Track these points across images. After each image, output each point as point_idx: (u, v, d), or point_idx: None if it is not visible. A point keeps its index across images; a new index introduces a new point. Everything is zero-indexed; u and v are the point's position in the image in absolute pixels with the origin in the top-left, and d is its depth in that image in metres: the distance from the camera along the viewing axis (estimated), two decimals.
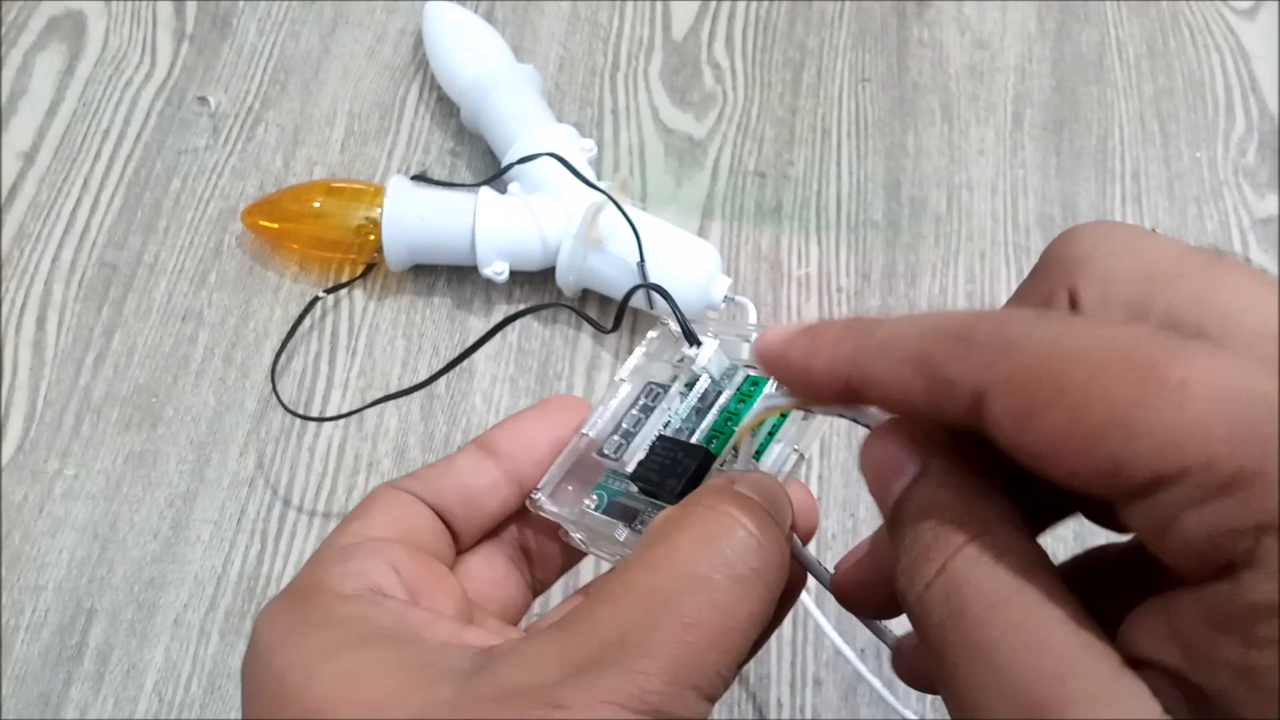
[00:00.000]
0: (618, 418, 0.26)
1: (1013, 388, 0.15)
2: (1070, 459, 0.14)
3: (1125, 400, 0.14)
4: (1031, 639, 0.14)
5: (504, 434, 0.25)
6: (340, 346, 0.46)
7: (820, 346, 0.18)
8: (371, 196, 0.46)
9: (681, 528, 0.19)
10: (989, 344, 0.15)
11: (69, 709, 0.38)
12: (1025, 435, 0.15)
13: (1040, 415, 0.14)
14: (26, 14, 0.54)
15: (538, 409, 0.25)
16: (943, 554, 0.16)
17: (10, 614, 0.40)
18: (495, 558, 0.25)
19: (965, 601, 0.15)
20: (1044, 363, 0.15)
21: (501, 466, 0.24)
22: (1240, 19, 0.57)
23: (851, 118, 0.53)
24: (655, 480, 0.23)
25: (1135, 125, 0.54)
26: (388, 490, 0.24)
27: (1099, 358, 0.14)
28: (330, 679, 0.18)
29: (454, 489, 0.24)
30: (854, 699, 0.39)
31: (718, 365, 0.26)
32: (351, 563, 0.21)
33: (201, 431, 0.44)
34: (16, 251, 0.48)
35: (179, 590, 0.41)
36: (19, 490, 0.42)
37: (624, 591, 0.18)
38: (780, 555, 0.19)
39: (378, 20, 0.55)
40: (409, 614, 0.20)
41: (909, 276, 0.49)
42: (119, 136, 0.51)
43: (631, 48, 0.55)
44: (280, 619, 0.20)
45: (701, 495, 0.20)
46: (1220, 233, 0.50)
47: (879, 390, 0.17)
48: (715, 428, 0.24)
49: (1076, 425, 0.14)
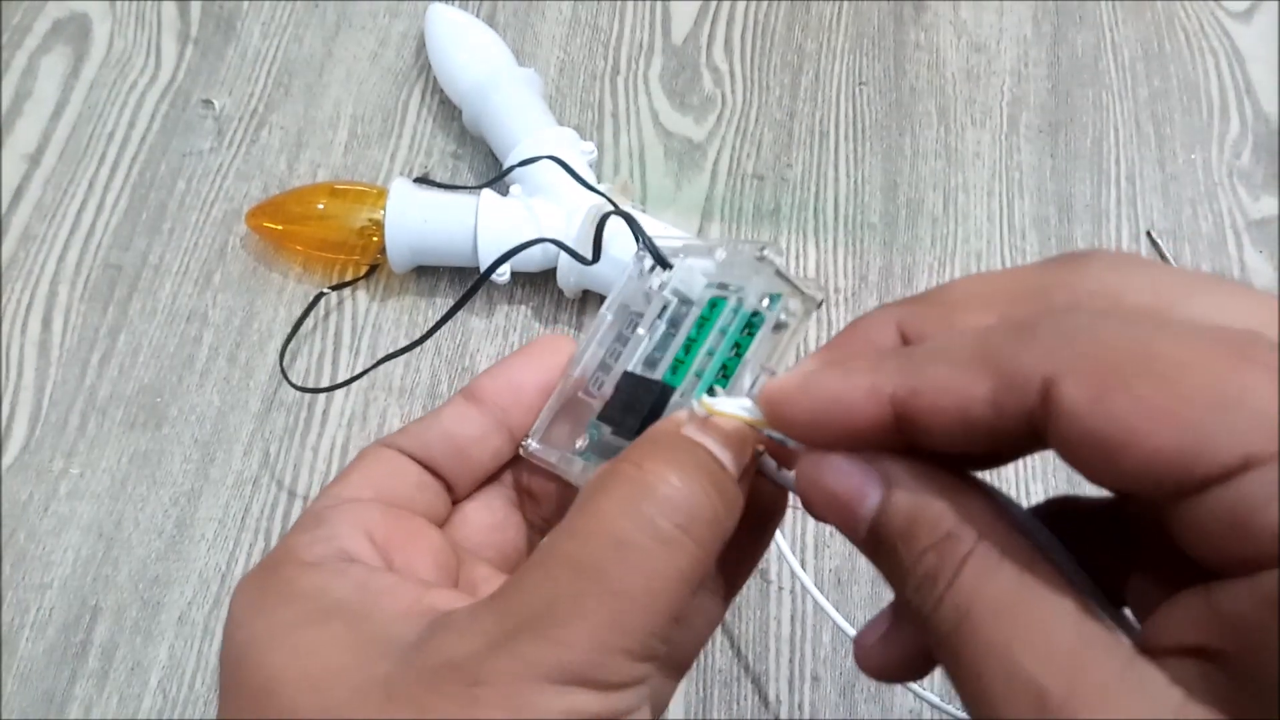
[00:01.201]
0: (601, 352, 0.25)
1: (1094, 365, 0.15)
2: (1153, 436, 0.14)
3: (1222, 373, 0.14)
4: (1040, 638, 0.15)
5: (489, 381, 0.24)
6: (344, 346, 0.46)
7: (855, 374, 0.17)
8: (374, 198, 0.46)
9: (604, 488, 0.18)
10: (1059, 331, 0.15)
11: (73, 707, 0.39)
12: (1103, 414, 0.14)
13: (1124, 390, 0.14)
14: (31, 17, 0.55)
15: (523, 353, 0.25)
16: (949, 568, 0.16)
17: (15, 612, 0.40)
18: (494, 502, 0.25)
19: (975, 610, 0.15)
20: (1128, 342, 0.15)
21: (489, 414, 0.24)
22: (1235, 21, 0.57)
23: (849, 120, 0.53)
24: (618, 419, 0.22)
25: (1130, 127, 0.54)
26: (373, 449, 0.24)
27: (1189, 338, 0.14)
28: (280, 657, 0.18)
29: (440, 440, 0.24)
30: (852, 695, 0.40)
31: (693, 286, 0.24)
32: (322, 528, 0.21)
33: (206, 431, 0.44)
34: (22, 253, 0.48)
35: (183, 588, 0.41)
36: (24, 489, 0.43)
37: (550, 558, 0.18)
38: (720, 505, 0.18)
39: (380, 24, 0.55)
40: (372, 581, 0.20)
41: (906, 278, 0.49)
42: (124, 139, 0.51)
43: (631, 51, 0.55)
44: (248, 592, 0.20)
45: (632, 450, 0.19)
46: (1215, 234, 0.51)
47: (934, 401, 0.16)
48: (677, 357, 0.23)
49: (1165, 398, 0.14)
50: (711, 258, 0.24)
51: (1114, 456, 0.14)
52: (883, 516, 0.17)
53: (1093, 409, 0.14)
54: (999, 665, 0.15)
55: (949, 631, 0.16)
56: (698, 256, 0.24)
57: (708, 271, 0.24)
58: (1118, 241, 0.50)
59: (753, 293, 0.22)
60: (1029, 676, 0.14)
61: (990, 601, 0.15)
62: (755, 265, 0.22)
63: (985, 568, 0.16)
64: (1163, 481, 0.14)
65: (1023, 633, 0.15)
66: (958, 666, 0.16)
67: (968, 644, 0.15)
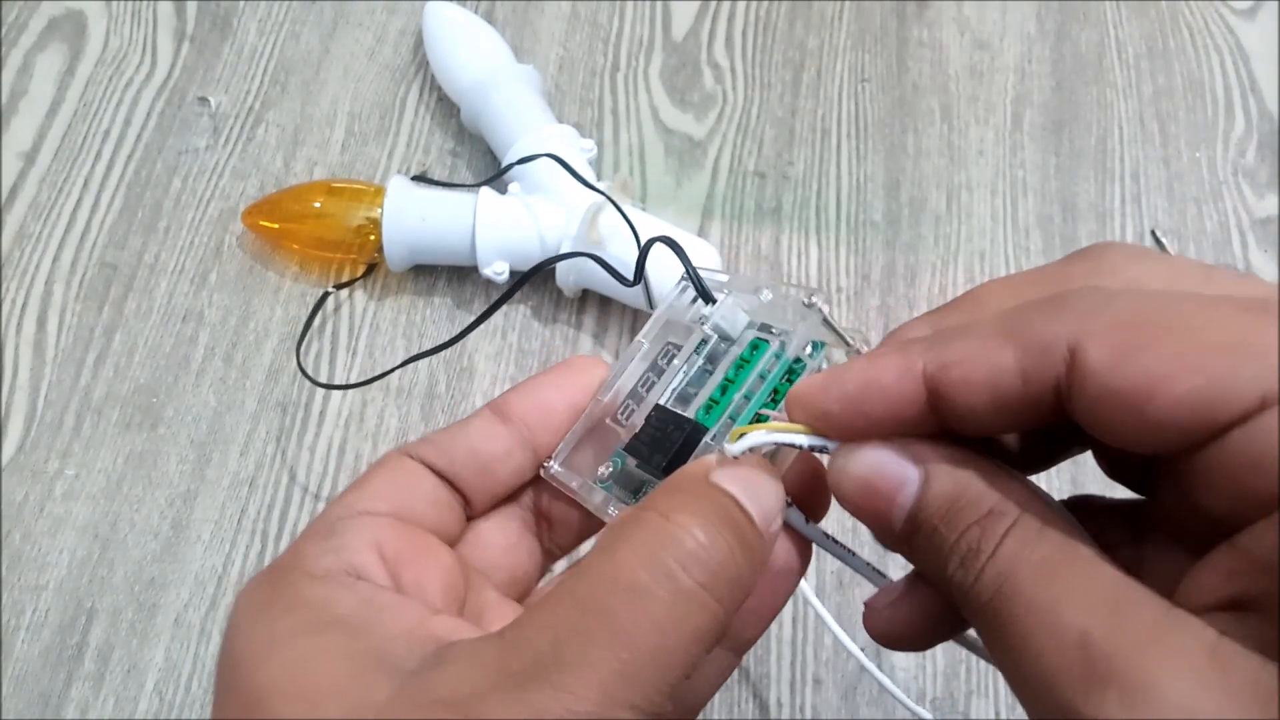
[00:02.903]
0: (633, 380, 0.25)
1: (1117, 327, 0.16)
2: (1176, 384, 0.15)
3: (1238, 326, 0.15)
4: (1081, 591, 0.16)
5: (519, 398, 0.24)
6: (341, 346, 0.46)
7: (885, 357, 0.18)
8: (372, 197, 0.46)
9: (626, 535, 0.18)
10: (1084, 300, 0.17)
11: (69, 709, 0.38)
12: (1128, 369, 0.15)
13: (1147, 346, 0.15)
14: (27, 14, 0.54)
15: (555, 372, 0.24)
16: (992, 540, 0.17)
17: (11, 614, 0.40)
18: (509, 524, 0.24)
19: (1019, 573, 0.16)
20: (1149, 307, 0.16)
21: (516, 432, 0.23)
22: (1240, 19, 0.57)
23: (851, 118, 0.53)
24: (645, 454, 0.22)
25: (1135, 125, 0.54)
26: (394, 457, 0.23)
27: (1206, 300, 0.16)
28: (276, 667, 0.18)
29: (465, 454, 0.23)
30: (854, 698, 0.39)
31: (735, 324, 0.24)
32: (333, 539, 0.21)
33: (202, 431, 0.44)
34: (17, 252, 0.48)
35: (180, 590, 0.41)
36: (19, 490, 0.42)
37: (564, 600, 0.17)
38: (744, 563, 0.18)
39: (378, 21, 0.55)
40: (377, 599, 0.20)
41: (908, 276, 0.49)
42: (119, 137, 0.51)
43: (631, 48, 0.55)
44: (252, 597, 0.20)
45: (657, 495, 0.19)
46: (1220, 233, 0.50)
47: (964, 373, 0.17)
48: (712, 397, 0.23)
49: (1186, 349, 0.15)
50: (757, 297, 0.24)
51: (1140, 409, 0.15)
52: (922, 500, 0.18)
53: (1117, 365, 0.16)
54: (1042, 618, 0.16)
55: (991, 597, 0.16)
56: (742, 293, 0.24)
57: (751, 310, 0.24)
58: (1122, 240, 0.50)
59: (797, 339, 0.22)
60: (1071, 623, 0.15)
61: (1033, 565, 0.16)
62: (802, 311, 0.23)
63: (1027, 538, 0.17)
64: (1186, 428, 0.15)
65: (1064, 588, 0.16)
66: (999, 627, 0.16)
67: (1010, 603, 0.16)
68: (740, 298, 0.24)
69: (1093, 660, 0.15)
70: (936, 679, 0.39)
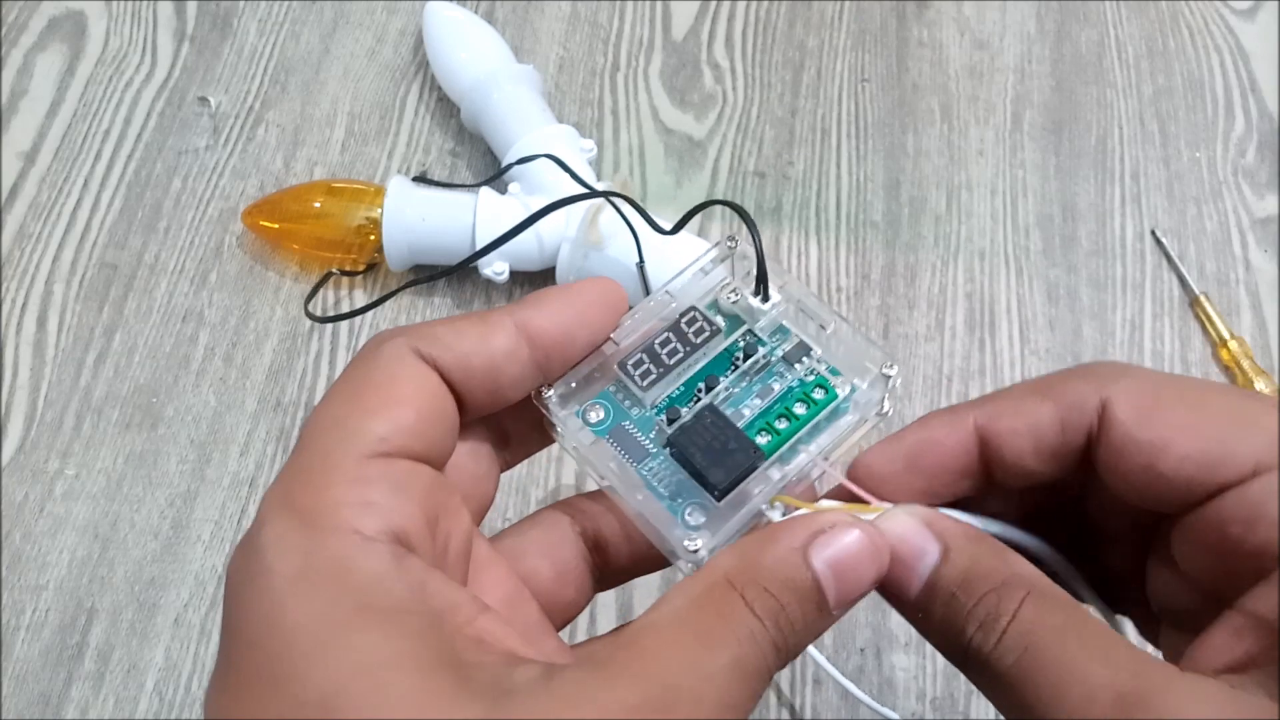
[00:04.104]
0: (651, 335, 0.24)
1: (1140, 390, 0.20)
2: (1185, 444, 0.19)
3: (1238, 402, 0.19)
4: (1105, 651, 0.18)
5: (546, 320, 0.22)
6: (340, 346, 0.46)
7: (938, 419, 0.21)
8: (372, 197, 0.46)
9: (707, 614, 0.18)
10: (1107, 369, 0.20)
11: (70, 709, 0.38)
12: (1147, 425, 0.19)
13: (1164, 409, 0.19)
14: (27, 14, 0.54)
15: (579, 297, 0.23)
16: (1011, 606, 0.19)
17: (11, 613, 0.40)
18: (480, 447, 0.23)
19: (1041, 636, 0.18)
20: (1162, 379, 0.20)
21: (535, 355, 0.22)
22: (1239, 19, 0.57)
23: (851, 118, 0.53)
24: (700, 462, 0.21)
25: (1135, 125, 0.54)
26: (415, 368, 0.20)
27: (1209, 383, 0.20)
28: (343, 669, 0.16)
29: (484, 369, 0.21)
30: (853, 699, 0.39)
31: (770, 323, 0.24)
32: (371, 489, 0.18)
33: (202, 431, 0.44)
34: (17, 251, 0.48)
35: (180, 590, 0.41)
36: (20, 490, 0.42)
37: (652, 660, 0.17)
38: (806, 639, 0.19)
39: (378, 20, 0.55)
40: (430, 583, 0.18)
41: (908, 276, 0.49)
42: (119, 137, 0.51)
43: (631, 48, 0.55)
44: (293, 547, 0.17)
45: (747, 565, 0.19)
46: (1219, 232, 0.50)
47: (1010, 423, 0.20)
48: (768, 421, 0.23)
49: (1195, 416, 0.19)
50: (823, 327, 0.24)
51: (1154, 460, 0.19)
52: (941, 570, 0.20)
53: (1141, 420, 0.19)
54: (1073, 674, 0.17)
55: (1015, 660, 0.18)
56: (806, 301, 0.24)
57: (805, 330, 0.24)
58: (1122, 240, 0.50)
59: (848, 383, 0.23)
60: (1103, 678, 0.17)
61: (1054, 629, 0.18)
62: (862, 352, 0.23)
63: (1043, 604, 0.19)
64: (1192, 482, 0.18)
65: (1089, 648, 0.18)
66: (1025, 686, 0.18)
67: (1038, 661, 0.18)
68: (792, 309, 0.24)
69: (1130, 707, 0.17)
70: (936, 679, 0.40)
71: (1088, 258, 0.50)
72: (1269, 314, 0.48)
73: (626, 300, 0.24)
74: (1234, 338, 0.46)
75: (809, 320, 0.24)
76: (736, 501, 0.22)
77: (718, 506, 0.22)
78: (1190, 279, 0.49)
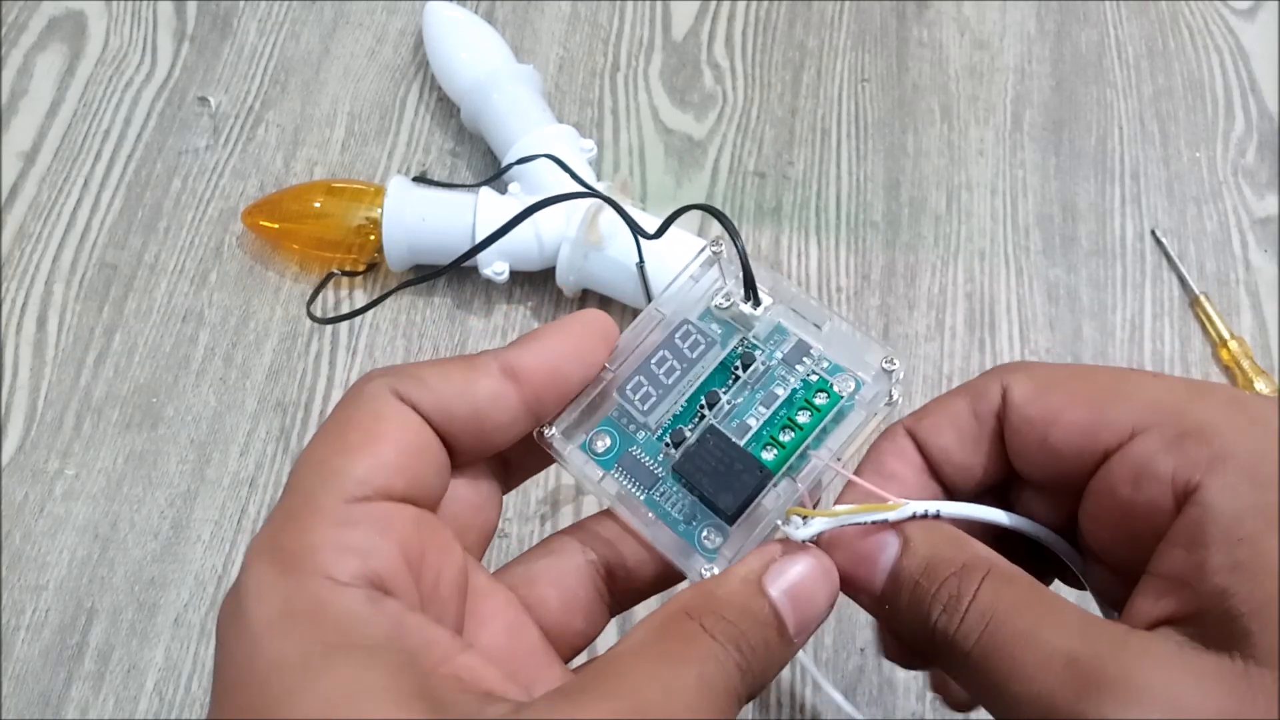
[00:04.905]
0: (645, 355, 0.23)
1: (1035, 376, 0.22)
2: (1071, 414, 0.21)
3: (1119, 376, 0.21)
4: (1060, 620, 0.18)
5: (532, 359, 0.22)
6: (340, 346, 0.46)
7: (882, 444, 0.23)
8: (372, 197, 0.46)
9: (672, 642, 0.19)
10: (1014, 365, 0.23)
11: (69, 709, 0.38)
12: (1039, 401, 0.21)
13: (1054, 389, 0.21)
14: (27, 14, 0.54)
15: (566, 333, 0.22)
16: (971, 587, 0.19)
17: (11, 614, 0.40)
18: (480, 477, 0.23)
19: (1000, 610, 0.19)
20: (1061, 366, 0.22)
21: (524, 396, 0.21)
22: (1239, 19, 0.57)
23: (851, 118, 0.53)
24: (707, 488, 0.21)
25: (1135, 125, 0.54)
26: (396, 408, 0.20)
27: (1100, 366, 0.22)
28: (323, 699, 0.16)
29: (467, 413, 0.21)
30: (853, 698, 0.39)
31: (765, 326, 0.24)
32: (352, 532, 0.18)
33: (202, 431, 0.44)
34: (17, 252, 0.48)
35: (180, 590, 0.41)
36: (20, 490, 0.42)
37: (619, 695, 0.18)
38: (770, 668, 0.19)
39: (378, 20, 0.55)
40: (407, 622, 0.18)
41: (908, 276, 0.49)
42: (119, 137, 0.51)
43: (631, 48, 0.55)
44: (264, 595, 0.18)
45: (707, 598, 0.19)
46: (1220, 233, 0.50)
47: (932, 420, 0.23)
48: (772, 434, 0.22)
49: (1080, 391, 0.21)
50: (818, 325, 0.24)
51: (1045, 433, 0.21)
52: (903, 560, 0.21)
53: (1031, 400, 0.21)
54: (1028, 644, 0.18)
55: (978, 637, 0.19)
56: (800, 303, 0.24)
57: (802, 328, 0.24)
58: (1122, 240, 0.50)
59: (851, 379, 0.23)
60: (1056, 645, 0.18)
61: (1011, 603, 0.19)
62: (863, 348, 0.23)
63: (1000, 583, 0.19)
64: (1079, 451, 0.20)
65: (1045, 619, 0.18)
66: (987, 661, 0.19)
67: (997, 637, 0.19)
68: (786, 310, 0.24)
69: (1083, 673, 0.17)
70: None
71: (1088, 258, 0.50)
72: (1269, 314, 0.48)
73: (616, 329, 0.23)
74: (1234, 338, 0.46)
75: (805, 320, 0.24)
76: (751, 521, 0.22)
77: (731, 529, 0.22)
78: (1190, 279, 0.49)
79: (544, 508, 0.43)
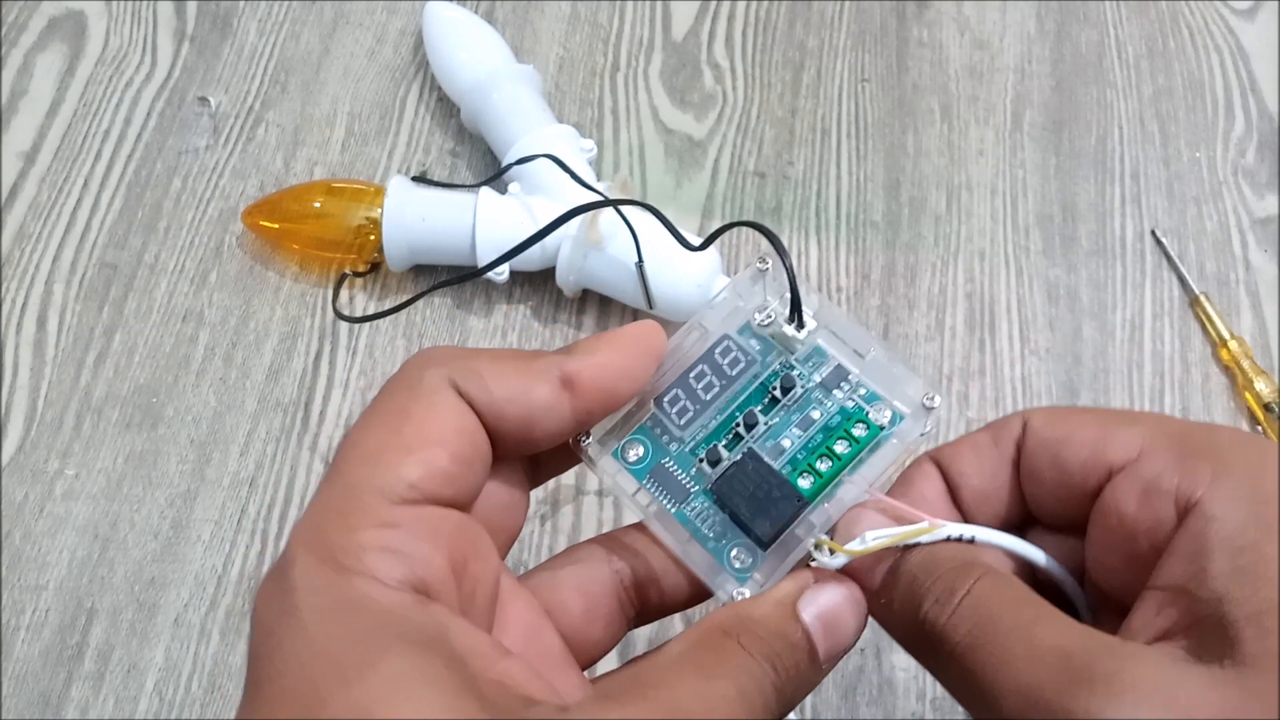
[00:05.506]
0: (684, 368, 0.24)
1: (1054, 409, 0.24)
2: (1082, 433, 0.21)
3: (1131, 413, 0.22)
4: (1053, 620, 0.19)
5: (590, 373, 0.21)
6: (340, 346, 0.46)
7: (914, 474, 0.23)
8: (372, 197, 0.46)
9: (712, 657, 0.19)
10: (1031, 408, 0.23)
11: (69, 709, 0.38)
12: (1054, 426, 0.22)
13: (1068, 415, 0.22)
14: (27, 14, 0.54)
15: (622, 348, 0.22)
16: (966, 583, 0.20)
17: (11, 614, 0.40)
18: (512, 476, 0.23)
19: (993, 608, 0.19)
20: (1073, 408, 0.24)
21: (576, 408, 0.21)
22: (1239, 19, 0.57)
23: (851, 118, 0.53)
24: (744, 513, 0.22)
25: (1135, 125, 0.54)
26: (454, 404, 0.20)
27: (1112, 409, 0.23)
28: (376, 684, 0.16)
29: (519, 417, 0.21)
30: (854, 698, 0.39)
31: (806, 349, 0.24)
32: (394, 534, 0.18)
33: (202, 431, 0.44)
34: (17, 251, 0.48)
35: (180, 590, 0.41)
36: (19, 490, 0.42)
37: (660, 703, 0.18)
38: (798, 692, 0.20)
39: (378, 20, 0.55)
40: (452, 627, 0.18)
41: (909, 276, 0.49)
42: (119, 137, 0.51)
43: (631, 48, 0.55)
44: (322, 584, 0.18)
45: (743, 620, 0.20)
46: (1220, 233, 0.50)
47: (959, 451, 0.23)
48: (810, 462, 0.23)
49: (1091, 420, 0.22)
50: (860, 353, 0.24)
51: (1057, 449, 0.22)
52: (903, 558, 0.21)
53: (1049, 423, 0.22)
54: (1021, 639, 0.18)
55: (968, 630, 0.19)
56: (846, 331, 0.24)
57: (842, 352, 0.24)
58: (1122, 240, 0.50)
59: (888, 409, 0.23)
60: (1050, 641, 0.18)
61: (1006, 600, 0.19)
62: (903, 387, 0.23)
63: (997, 582, 0.20)
64: (1086, 466, 0.21)
65: (1039, 618, 0.19)
66: (975, 654, 0.19)
67: (988, 635, 0.19)
68: (826, 332, 0.24)
69: (1074, 667, 0.17)
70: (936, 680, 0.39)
71: (1088, 258, 0.50)
72: (1269, 314, 0.48)
73: (665, 344, 0.23)
74: (1234, 338, 0.46)
75: (845, 345, 0.24)
76: (784, 547, 0.22)
77: (765, 554, 0.22)
78: (1190, 279, 0.49)
79: (544, 508, 0.43)
